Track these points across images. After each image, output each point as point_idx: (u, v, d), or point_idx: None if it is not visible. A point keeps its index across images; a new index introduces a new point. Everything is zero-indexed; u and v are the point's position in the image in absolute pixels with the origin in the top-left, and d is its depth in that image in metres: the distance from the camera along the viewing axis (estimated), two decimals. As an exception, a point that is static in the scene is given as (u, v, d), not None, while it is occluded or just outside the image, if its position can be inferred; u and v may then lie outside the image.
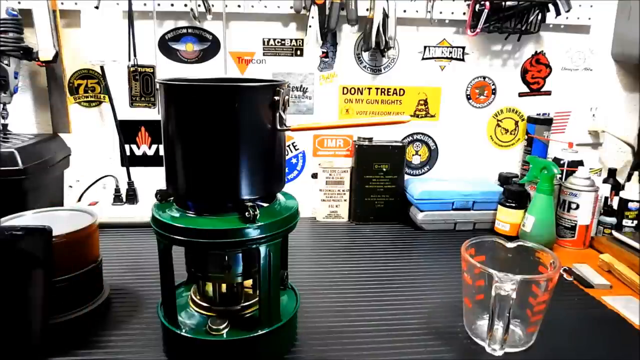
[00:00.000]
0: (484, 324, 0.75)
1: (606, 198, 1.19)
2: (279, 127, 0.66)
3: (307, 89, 1.28)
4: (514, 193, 1.16)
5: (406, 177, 1.32)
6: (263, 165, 0.68)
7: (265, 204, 0.70)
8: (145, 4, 1.17)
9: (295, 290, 0.80)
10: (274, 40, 1.24)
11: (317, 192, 1.29)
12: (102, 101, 1.25)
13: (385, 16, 1.17)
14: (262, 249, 0.65)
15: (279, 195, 0.75)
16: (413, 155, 1.37)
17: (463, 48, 1.30)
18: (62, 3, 1.15)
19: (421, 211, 1.22)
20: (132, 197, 1.25)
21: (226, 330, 0.68)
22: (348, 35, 1.26)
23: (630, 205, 1.14)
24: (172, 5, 1.17)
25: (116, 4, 1.15)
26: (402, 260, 1.05)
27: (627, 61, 1.32)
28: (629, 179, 1.22)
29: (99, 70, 1.20)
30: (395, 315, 0.83)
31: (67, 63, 1.21)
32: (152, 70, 1.22)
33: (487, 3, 1.15)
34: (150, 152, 1.29)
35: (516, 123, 1.37)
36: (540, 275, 0.73)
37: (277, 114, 0.66)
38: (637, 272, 0.96)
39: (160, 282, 0.69)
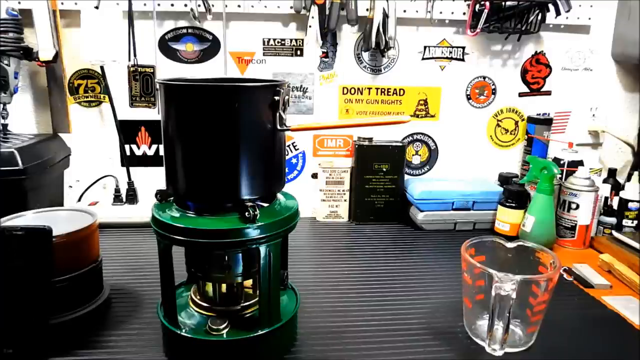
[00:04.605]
0: (484, 324, 0.75)
1: (606, 198, 1.19)
2: (279, 127, 0.66)
3: (307, 89, 1.28)
4: (514, 193, 1.16)
5: (406, 177, 1.32)
6: (263, 165, 0.68)
7: (265, 204, 0.70)
8: (145, 4, 1.17)
9: (295, 290, 0.80)
10: (274, 40, 1.24)
11: (317, 192, 1.29)
12: (102, 101, 1.25)
13: (385, 16, 1.17)
14: (262, 249, 0.65)
15: (279, 195, 0.75)
16: (413, 155, 1.37)
17: (463, 48, 1.30)
18: (62, 3, 1.15)
19: (421, 211, 1.22)
20: (132, 197, 1.25)
21: (226, 330, 0.68)
22: (348, 35, 1.26)
23: (630, 205, 1.14)
24: (172, 5, 1.17)
25: (116, 4, 1.15)
26: (402, 260, 1.05)
27: (627, 61, 1.32)
28: (629, 179, 1.22)
29: (99, 70, 1.20)
30: (395, 315, 0.83)
31: (67, 63, 1.21)
32: (152, 70, 1.22)
33: (487, 3, 1.15)
34: (150, 152, 1.29)
35: (516, 123, 1.37)
36: (540, 275, 0.73)
37: (277, 114, 0.66)
38: (637, 272, 0.96)
39: (160, 282, 0.69)
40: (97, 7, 1.11)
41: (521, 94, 1.35)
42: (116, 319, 0.80)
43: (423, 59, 1.29)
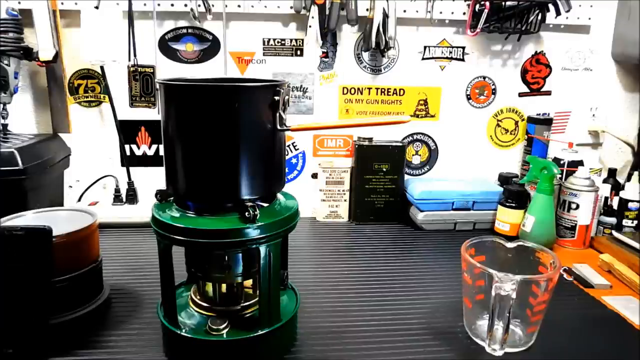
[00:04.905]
0: (484, 324, 0.75)
1: (606, 198, 1.19)
2: (279, 127, 0.66)
3: (307, 89, 1.28)
4: (514, 193, 1.16)
5: (406, 177, 1.32)
6: (263, 165, 0.68)
7: (265, 204, 0.70)
8: (145, 4, 1.17)
9: (295, 290, 0.80)
10: (274, 40, 1.24)
11: (317, 192, 1.29)
12: (102, 101, 1.25)
13: (385, 16, 1.17)
14: (262, 249, 0.65)
15: (279, 195, 0.75)
16: (413, 155, 1.37)
17: (463, 48, 1.30)
18: (62, 3, 1.15)
19: (421, 211, 1.22)
20: (132, 197, 1.25)
21: (226, 330, 0.68)
22: (348, 35, 1.26)
23: (630, 205, 1.14)
24: (172, 5, 1.17)
25: (116, 4, 1.15)
26: (402, 260, 1.05)
27: (627, 61, 1.32)
28: (629, 179, 1.22)
29: (99, 70, 1.20)
30: (395, 315, 0.83)
31: (67, 63, 1.21)
32: (152, 70, 1.22)
33: (487, 3, 1.15)
34: (150, 152, 1.29)
35: (516, 123, 1.37)
36: (540, 275, 0.73)
37: (277, 114, 0.66)
38: (637, 272, 0.96)
39: (160, 282, 0.70)
40: (97, 7, 1.11)
41: (521, 94, 1.35)
42: (116, 319, 0.80)
43: (423, 59, 1.29)
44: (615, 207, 1.17)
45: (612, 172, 1.29)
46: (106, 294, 0.82)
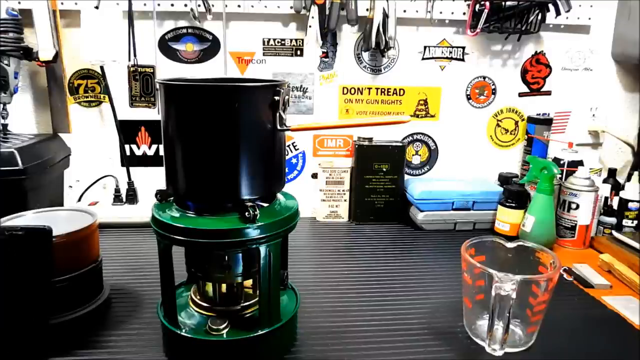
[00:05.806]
0: (484, 324, 0.75)
1: (606, 198, 1.19)
2: (279, 127, 0.66)
3: (307, 89, 1.28)
4: (514, 193, 1.16)
5: (406, 177, 1.32)
6: (263, 165, 0.68)
7: (265, 204, 0.70)
8: (145, 4, 1.17)
9: (295, 290, 0.80)
10: (274, 40, 1.24)
11: (317, 192, 1.29)
12: (102, 101, 1.25)
13: (385, 16, 1.17)
14: (262, 249, 0.65)
15: (279, 195, 0.75)
16: (413, 155, 1.37)
17: (463, 48, 1.30)
18: (62, 3, 1.15)
19: (421, 211, 1.22)
20: (132, 197, 1.25)
21: (226, 330, 0.68)
22: (348, 35, 1.26)
23: (630, 205, 1.14)
24: (172, 5, 1.17)
25: (116, 4, 1.15)
26: (402, 260, 1.05)
27: (627, 61, 1.32)
28: (629, 179, 1.22)
29: (99, 70, 1.20)
30: (395, 315, 0.83)
31: (67, 63, 1.21)
32: (152, 70, 1.22)
33: (487, 3, 1.15)
34: (150, 152, 1.29)
35: (516, 123, 1.37)
36: (540, 275, 0.73)
37: (277, 114, 0.66)
38: (637, 272, 0.96)
39: (160, 282, 0.70)
40: (97, 7, 1.11)
41: (521, 94, 1.35)
42: (116, 319, 0.80)
43: (423, 59, 1.29)
44: (615, 207, 1.17)
45: (612, 172, 1.29)
46: (106, 294, 0.82)
